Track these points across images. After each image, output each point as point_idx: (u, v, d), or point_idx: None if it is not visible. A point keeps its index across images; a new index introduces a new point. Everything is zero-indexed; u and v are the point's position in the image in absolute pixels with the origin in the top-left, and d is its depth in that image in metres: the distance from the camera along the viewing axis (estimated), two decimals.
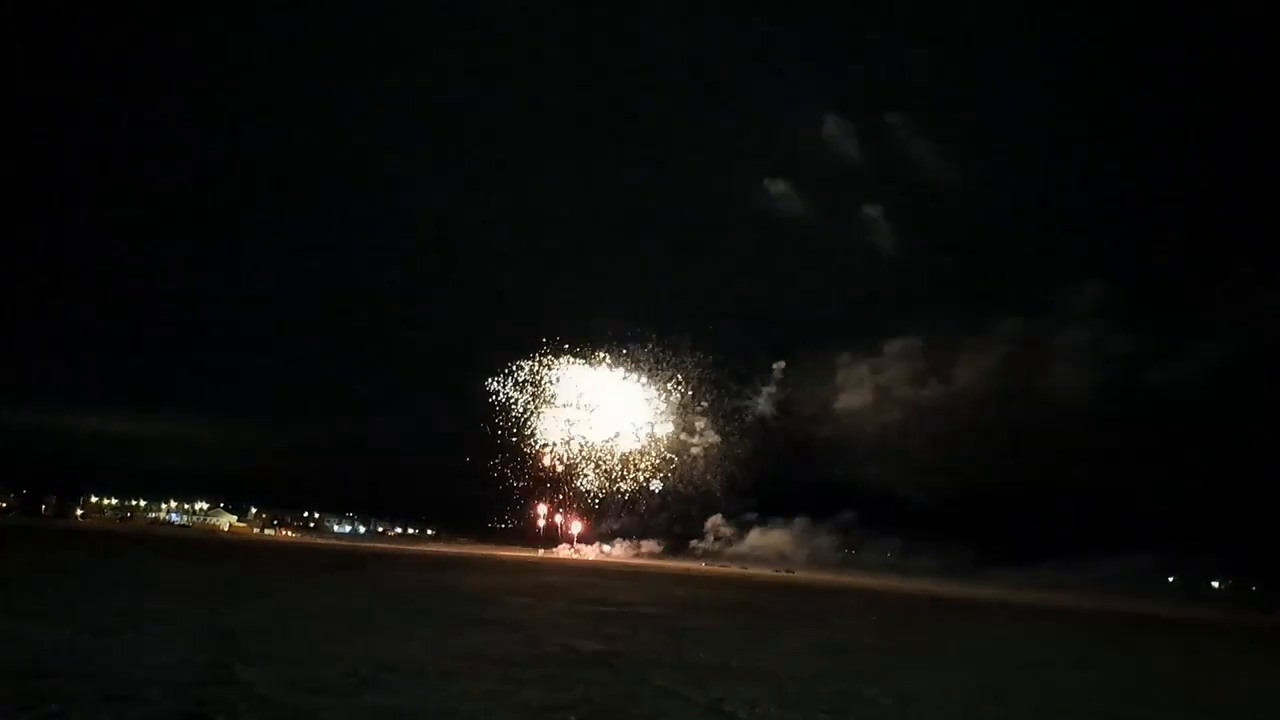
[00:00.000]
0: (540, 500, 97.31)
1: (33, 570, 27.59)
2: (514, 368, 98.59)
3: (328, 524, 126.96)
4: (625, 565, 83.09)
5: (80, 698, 9.07)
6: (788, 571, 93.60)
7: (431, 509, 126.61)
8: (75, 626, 14.16)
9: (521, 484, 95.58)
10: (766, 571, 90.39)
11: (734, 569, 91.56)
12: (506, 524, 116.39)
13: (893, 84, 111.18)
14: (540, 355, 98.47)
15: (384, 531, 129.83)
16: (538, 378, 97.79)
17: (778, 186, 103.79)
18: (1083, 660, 22.49)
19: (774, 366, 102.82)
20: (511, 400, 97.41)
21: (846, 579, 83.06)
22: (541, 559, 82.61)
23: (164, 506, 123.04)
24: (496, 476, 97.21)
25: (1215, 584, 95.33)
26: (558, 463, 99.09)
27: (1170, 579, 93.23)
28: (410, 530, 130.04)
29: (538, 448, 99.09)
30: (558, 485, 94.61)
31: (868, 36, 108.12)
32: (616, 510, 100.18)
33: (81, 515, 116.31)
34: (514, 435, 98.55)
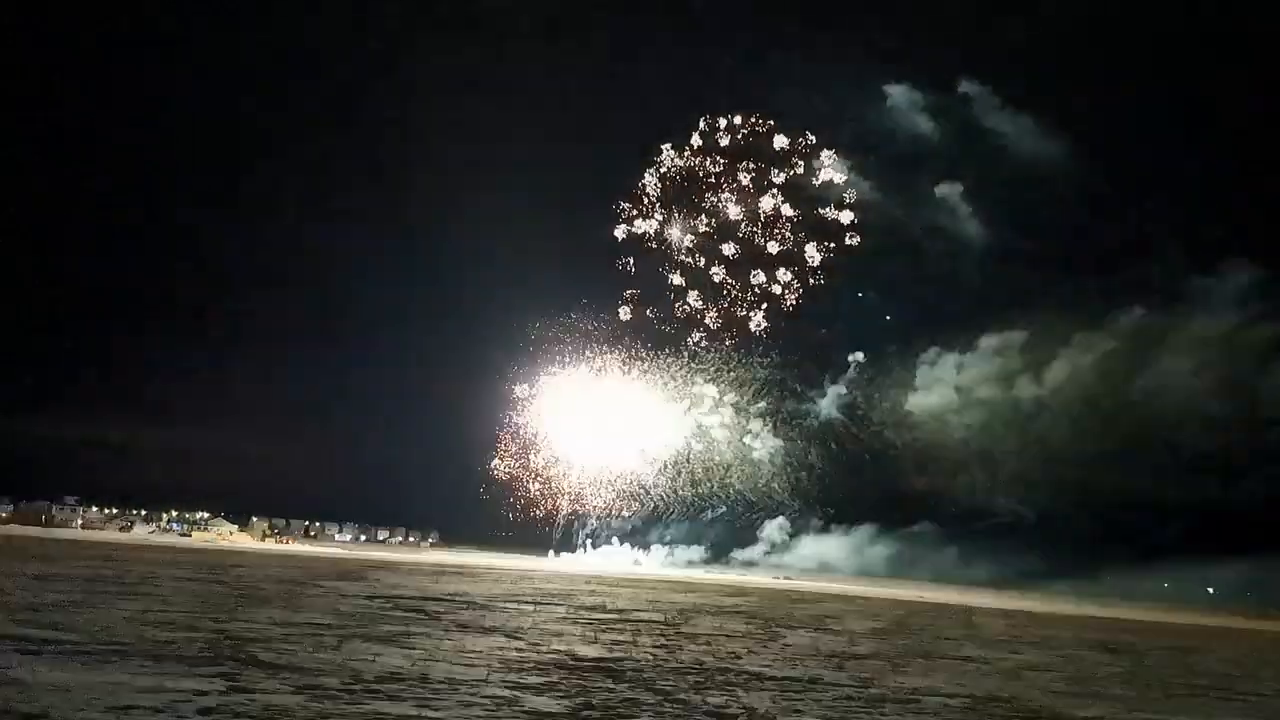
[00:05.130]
0: (559, 503, 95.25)
1: (33, 580, 27.68)
2: (544, 371, 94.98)
3: (329, 532, 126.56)
4: (626, 574, 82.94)
5: (85, 709, 9.25)
6: (785, 578, 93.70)
7: (434, 516, 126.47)
8: (78, 636, 14.33)
9: (541, 490, 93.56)
10: (765, 579, 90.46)
11: (731, 576, 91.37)
12: (509, 532, 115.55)
13: (967, 49, 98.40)
14: (579, 356, 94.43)
15: (385, 539, 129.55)
16: (575, 380, 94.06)
17: (839, 164, 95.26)
18: (1068, 666, 22.70)
19: (850, 360, 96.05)
20: (540, 406, 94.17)
21: (844, 586, 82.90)
22: (537, 569, 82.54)
23: (164, 516, 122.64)
24: (511, 482, 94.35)
25: None
26: (588, 471, 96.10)
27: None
28: (411, 538, 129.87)
29: (570, 457, 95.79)
30: (581, 487, 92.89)
31: None
32: (669, 517, 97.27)
33: (81, 524, 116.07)
34: (541, 445, 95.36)
